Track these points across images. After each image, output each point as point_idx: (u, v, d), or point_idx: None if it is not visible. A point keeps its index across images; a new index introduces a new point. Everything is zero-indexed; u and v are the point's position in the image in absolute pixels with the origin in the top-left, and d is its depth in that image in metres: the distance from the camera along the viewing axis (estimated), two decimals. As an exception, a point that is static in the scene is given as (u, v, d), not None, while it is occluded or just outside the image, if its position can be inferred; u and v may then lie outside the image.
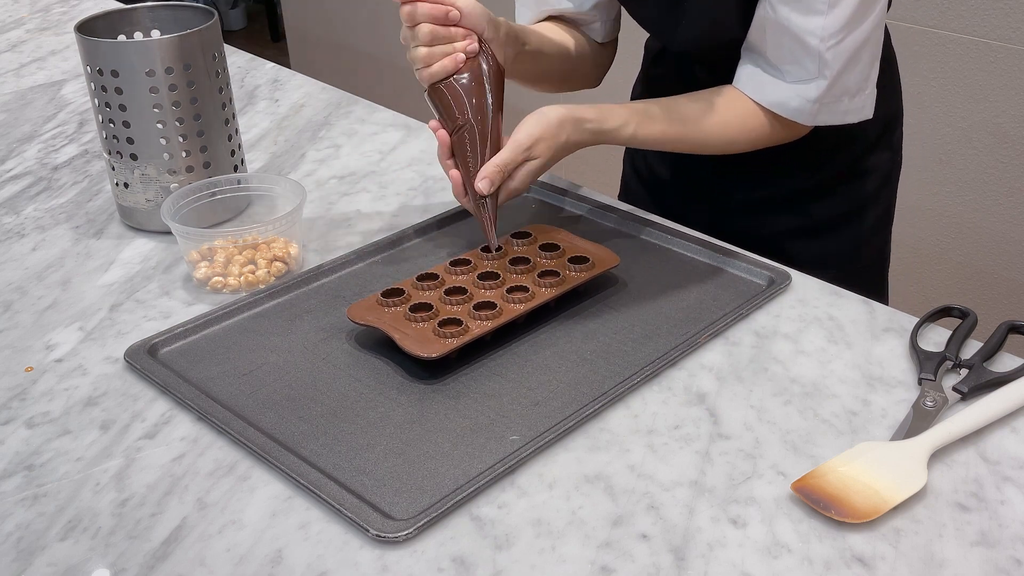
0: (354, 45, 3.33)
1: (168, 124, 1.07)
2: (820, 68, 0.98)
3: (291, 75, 1.61)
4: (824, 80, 0.99)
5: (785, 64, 1.00)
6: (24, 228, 1.15)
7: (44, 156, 1.33)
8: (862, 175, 1.16)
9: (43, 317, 0.97)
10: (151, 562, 0.69)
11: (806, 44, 0.97)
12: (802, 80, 1.00)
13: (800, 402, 0.83)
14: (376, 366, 0.87)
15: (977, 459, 0.76)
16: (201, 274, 1.00)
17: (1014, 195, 1.87)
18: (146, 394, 0.86)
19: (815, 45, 0.97)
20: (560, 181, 1.20)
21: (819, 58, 0.97)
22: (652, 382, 0.85)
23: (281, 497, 0.74)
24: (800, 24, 0.97)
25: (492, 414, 0.81)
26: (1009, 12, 1.77)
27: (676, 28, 1.08)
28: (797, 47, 0.98)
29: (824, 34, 0.96)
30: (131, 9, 1.14)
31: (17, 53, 1.74)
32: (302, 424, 0.81)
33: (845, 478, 0.73)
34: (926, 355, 0.86)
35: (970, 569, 0.67)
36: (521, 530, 0.70)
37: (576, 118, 0.99)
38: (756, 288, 0.98)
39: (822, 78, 0.99)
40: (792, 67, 1.00)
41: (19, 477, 0.77)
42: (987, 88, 1.83)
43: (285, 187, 1.09)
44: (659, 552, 0.68)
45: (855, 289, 0.98)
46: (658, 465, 0.76)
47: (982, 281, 1.97)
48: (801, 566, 0.67)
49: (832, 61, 0.97)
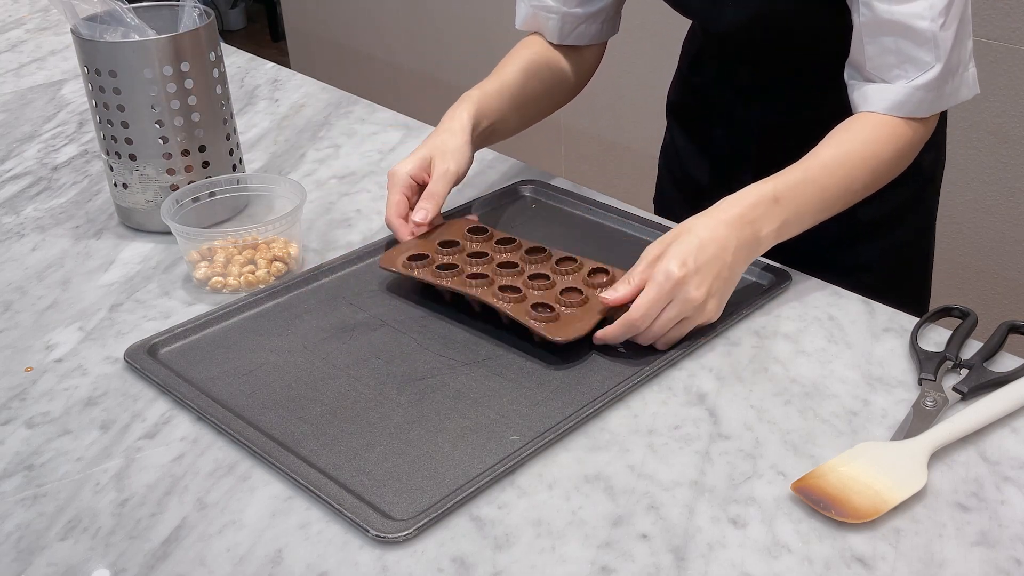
0: (354, 45, 3.33)
1: (166, 124, 1.07)
2: (935, 53, 0.93)
3: (291, 75, 1.61)
4: (939, 64, 0.93)
5: (894, 69, 0.94)
6: (24, 228, 1.15)
7: (44, 156, 1.33)
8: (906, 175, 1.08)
9: (43, 317, 0.97)
10: (151, 562, 0.69)
11: (917, 30, 0.92)
12: (919, 74, 0.94)
13: (800, 402, 0.83)
14: (376, 366, 0.87)
15: (977, 459, 0.76)
16: (201, 274, 1.00)
17: (1014, 195, 1.87)
18: (146, 394, 0.86)
19: (927, 27, 0.91)
20: (560, 181, 1.20)
21: (933, 39, 0.92)
22: (652, 382, 0.85)
23: (281, 497, 0.74)
24: (905, 11, 0.92)
25: (492, 414, 0.81)
26: (1009, 12, 1.77)
27: (724, 9, 1.05)
28: (907, 40, 0.93)
29: (933, 13, 0.91)
30: (128, 9, 1.14)
31: (17, 53, 1.74)
32: (302, 424, 0.81)
33: (845, 478, 0.73)
34: (926, 355, 0.86)
35: (970, 569, 0.67)
36: (521, 530, 0.70)
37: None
38: (756, 288, 0.98)
39: (937, 62, 0.93)
40: (902, 68, 0.94)
41: (19, 477, 0.77)
42: (987, 88, 1.83)
43: (285, 187, 1.09)
44: (659, 552, 0.68)
45: (898, 296, 0.96)
46: (658, 465, 0.76)
47: (982, 281, 1.97)
48: (801, 566, 0.67)
49: (944, 40, 0.92)
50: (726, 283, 0.87)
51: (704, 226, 0.87)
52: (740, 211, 0.88)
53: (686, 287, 0.84)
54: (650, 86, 2.32)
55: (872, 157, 0.94)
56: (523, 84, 1.14)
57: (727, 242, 0.86)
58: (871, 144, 0.95)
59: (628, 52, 2.32)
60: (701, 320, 0.87)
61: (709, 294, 0.85)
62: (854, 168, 0.94)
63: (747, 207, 0.88)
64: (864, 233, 1.15)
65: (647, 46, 2.21)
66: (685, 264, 0.84)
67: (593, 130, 2.59)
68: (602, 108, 2.52)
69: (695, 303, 0.85)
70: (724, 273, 0.86)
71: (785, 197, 0.90)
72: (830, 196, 0.93)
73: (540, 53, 1.17)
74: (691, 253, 0.84)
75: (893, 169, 0.97)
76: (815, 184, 0.92)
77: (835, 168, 0.93)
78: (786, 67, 1.11)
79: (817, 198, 0.92)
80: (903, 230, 1.17)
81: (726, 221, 0.87)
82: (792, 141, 1.01)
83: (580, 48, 1.19)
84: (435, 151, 1.03)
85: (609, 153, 2.59)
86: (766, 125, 1.15)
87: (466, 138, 1.05)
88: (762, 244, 0.90)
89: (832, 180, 0.93)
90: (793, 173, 0.92)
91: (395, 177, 1.02)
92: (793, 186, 0.91)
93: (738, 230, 0.87)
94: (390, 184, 1.03)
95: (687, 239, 0.86)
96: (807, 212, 0.92)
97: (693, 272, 0.84)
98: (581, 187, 1.19)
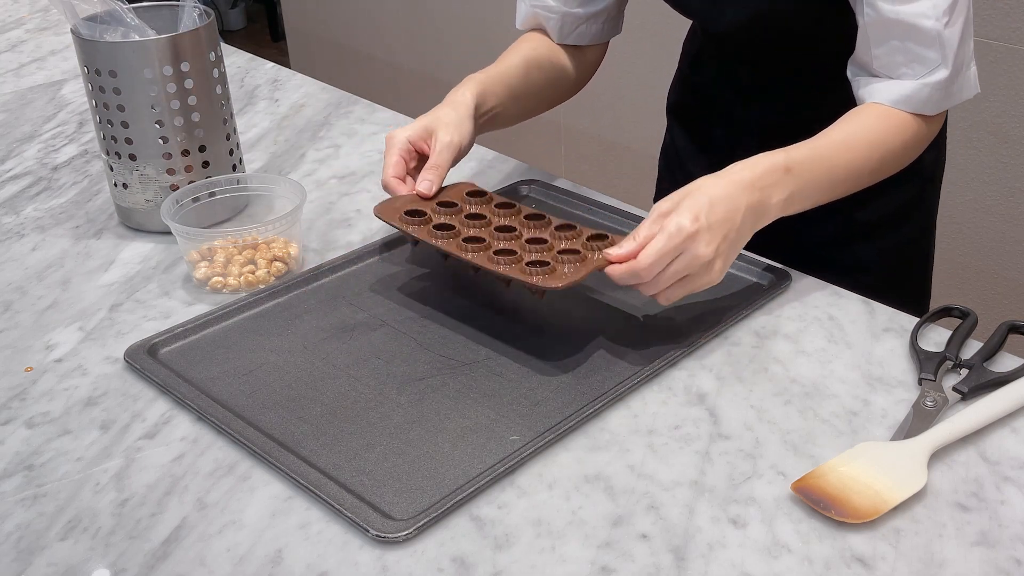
0: (354, 45, 3.33)
1: (166, 124, 1.07)
2: (941, 52, 0.92)
3: (291, 75, 1.61)
4: (948, 63, 0.93)
5: (902, 68, 0.94)
6: (24, 228, 1.15)
7: (44, 156, 1.33)
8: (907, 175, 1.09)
9: (43, 317, 0.97)
10: (151, 562, 0.69)
11: (922, 29, 0.91)
12: (926, 73, 0.94)
13: (800, 402, 0.83)
14: (376, 366, 0.87)
15: (977, 459, 0.76)
16: (201, 274, 1.00)
17: (1014, 195, 1.87)
18: (146, 394, 0.86)
19: (931, 26, 0.91)
20: (560, 181, 1.20)
21: (938, 38, 0.92)
22: (652, 382, 0.85)
23: (281, 497, 0.74)
24: (910, 10, 0.91)
25: (492, 414, 0.81)
26: (1009, 12, 1.77)
27: (724, 9, 1.05)
28: (912, 40, 0.93)
29: (937, 12, 0.91)
30: (128, 9, 1.14)
31: (17, 53, 1.74)
32: (302, 424, 0.81)
33: (845, 478, 0.73)
34: (926, 355, 0.86)
35: (970, 569, 0.67)
36: (521, 530, 0.70)
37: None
38: (756, 288, 0.98)
39: (944, 61, 0.93)
40: (910, 67, 0.94)
41: (19, 477, 0.77)
42: (987, 88, 1.83)
43: (285, 187, 1.09)
44: (659, 552, 0.68)
45: (899, 295, 0.96)
46: (658, 465, 0.76)
47: (982, 281, 1.97)
48: (801, 566, 0.67)
49: (949, 39, 0.92)
50: (732, 245, 0.86)
51: (716, 186, 0.86)
52: (752, 176, 0.87)
53: (696, 242, 0.83)
54: (650, 86, 2.32)
55: (881, 144, 0.94)
56: (525, 75, 1.14)
57: (738, 203, 0.85)
58: (880, 131, 0.94)
59: (628, 52, 2.32)
60: (704, 280, 0.86)
61: (717, 253, 0.84)
62: (862, 151, 0.93)
63: (759, 173, 0.88)
64: (865, 233, 1.15)
65: (647, 46, 2.21)
66: (697, 219, 0.83)
67: (593, 130, 2.59)
68: (602, 108, 2.52)
69: (703, 260, 0.84)
70: (732, 235, 0.85)
71: (795, 169, 0.89)
72: (838, 176, 0.93)
73: (542, 47, 1.17)
74: (703, 210, 0.84)
75: (899, 160, 0.97)
76: (824, 162, 0.92)
77: (844, 149, 0.93)
78: (786, 67, 1.11)
79: (825, 176, 0.92)
80: (904, 230, 1.17)
81: (737, 183, 0.86)
82: (792, 141, 1.00)
83: (581, 47, 1.19)
84: (437, 123, 1.02)
85: (609, 153, 2.59)
86: (766, 125, 1.15)
87: (469, 114, 1.04)
88: (769, 212, 0.89)
89: (841, 160, 0.92)
90: (803, 148, 0.92)
91: (393, 140, 1.01)
92: (803, 160, 0.90)
93: (748, 194, 0.86)
94: (388, 146, 1.01)
95: (699, 196, 0.85)
96: (815, 188, 0.91)
97: (705, 228, 0.83)
98: (581, 187, 1.19)
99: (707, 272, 0.85)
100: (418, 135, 1.01)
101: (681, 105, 1.28)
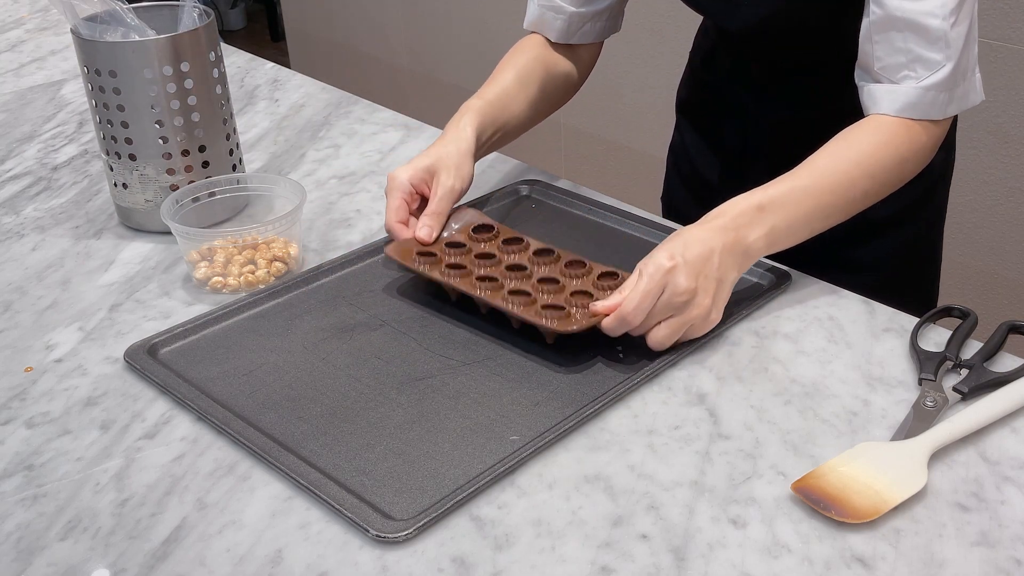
0: (354, 45, 3.33)
1: (166, 124, 1.07)
2: (945, 52, 0.92)
3: (291, 75, 1.61)
4: (950, 63, 0.93)
5: (903, 70, 0.94)
6: (24, 228, 1.15)
7: (44, 156, 1.33)
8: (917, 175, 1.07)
9: (43, 317, 0.97)
10: (151, 562, 0.69)
11: (928, 28, 0.91)
12: (928, 75, 0.94)
13: (800, 402, 0.83)
14: (376, 366, 0.87)
15: (977, 459, 0.76)
16: (201, 274, 1.00)
17: (1014, 195, 1.87)
18: (146, 394, 0.86)
19: (938, 25, 0.91)
20: (561, 182, 1.20)
21: (943, 38, 0.92)
22: (652, 382, 0.85)
23: (281, 497, 0.74)
24: (917, 8, 0.91)
25: (492, 414, 0.81)
26: (1009, 12, 1.77)
27: (739, 6, 1.05)
28: (917, 39, 0.92)
29: (944, 11, 0.91)
30: (128, 9, 1.14)
31: (17, 53, 1.74)
32: (302, 424, 0.81)
33: (845, 478, 0.73)
34: (926, 355, 0.86)
35: (970, 569, 0.67)
36: (521, 530, 0.70)
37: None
38: (756, 288, 0.98)
39: (947, 62, 0.93)
40: (911, 68, 0.94)
41: (19, 477, 0.77)
42: (987, 88, 1.82)
43: (285, 187, 1.09)
44: (659, 552, 0.68)
45: (906, 294, 0.96)
46: (658, 465, 0.76)
47: (982, 281, 1.97)
48: (801, 566, 0.67)
49: (954, 39, 0.92)
50: (718, 284, 0.87)
51: (690, 230, 0.89)
52: (724, 220, 0.90)
53: (675, 275, 0.84)
54: (650, 86, 2.32)
55: (871, 163, 0.94)
56: (521, 90, 1.14)
57: (712, 244, 0.87)
58: (869, 150, 0.94)
59: (628, 52, 2.32)
60: (693, 316, 0.86)
61: (700, 288, 0.86)
62: (849, 174, 0.93)
63: (732, 215, 0.90)
64: (873, 231, 1.15)
65: (647, 46, 2.21)
66: (673, 257, 0.85)
67: (593, 130, 2.59)
68: (602, 108, 2.52)
69: (685, 292, 0.85)
70: (711, 272, 0.86)
71: (771, 205, 0.91)
72: (825, 203, 0.93)
73: (537, 56, 1.17)
74: (678, 248, 0.86)
75: (899, 173, 0.97)
76: (806, 192, 0.92)
77: (828, 175, 0.93)
78: (800, 65, 1.11)
79: (809, 205, 0.92)
80: (912, 228, 1.17)
81: (711, 227, 0.89)
82: (804, 138, 1.01)
83: (577, 48, 1.19)
84: (440, 164, 1.03)
85: (609, 153, 2.59)
86: (778, 122, 1.15)
87: (470, 152, 1.05)
88: (750, 251, 0.90)
89: (825, 187, 0.93)
90: (783, 182, 0.93)
91: (395, 182, 1.02)
92: (781, 194, 0.92)
93: (723, 235, 0.88)
94: (389, 188, 1.02)
95: (674, 239, 0.88)
96: (798, 219, 0.92)
97: (682, 264, 0.85)
98: (581, 187, 1.19)
99: (694, 307, 0.86)
100: (420, 177, 1.02)
101: (692, 102, 1.28)
